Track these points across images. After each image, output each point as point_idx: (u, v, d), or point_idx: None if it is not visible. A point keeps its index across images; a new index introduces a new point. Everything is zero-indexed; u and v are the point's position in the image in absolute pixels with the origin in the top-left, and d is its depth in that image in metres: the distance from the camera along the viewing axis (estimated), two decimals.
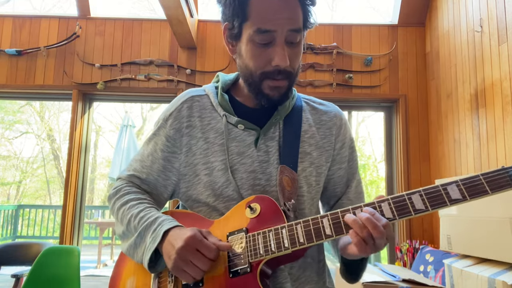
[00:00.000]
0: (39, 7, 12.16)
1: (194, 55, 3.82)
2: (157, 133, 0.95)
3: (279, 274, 0.84)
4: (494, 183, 0.68)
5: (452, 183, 0.71)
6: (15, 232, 8.32)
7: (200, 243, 0.75)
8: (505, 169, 0.68)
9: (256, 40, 0.83)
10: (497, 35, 2.73)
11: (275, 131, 0.91)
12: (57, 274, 2.37)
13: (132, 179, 0.95)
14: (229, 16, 0.86)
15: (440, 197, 0.71)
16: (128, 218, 0.87)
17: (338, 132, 0.97)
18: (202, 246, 0.75)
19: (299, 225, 0.77)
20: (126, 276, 0.91)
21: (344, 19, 12.13)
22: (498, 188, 0.68)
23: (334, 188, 0.97)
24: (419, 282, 2.03)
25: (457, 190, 0.70)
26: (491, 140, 2.76)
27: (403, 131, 3.67)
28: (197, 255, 0.75)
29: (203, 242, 0.75)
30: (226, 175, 0.87)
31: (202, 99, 0.95)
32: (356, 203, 0.95)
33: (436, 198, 0.71)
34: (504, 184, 0.68)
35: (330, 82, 3.71)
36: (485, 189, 0.69)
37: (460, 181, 0.71)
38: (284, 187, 0.86)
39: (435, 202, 0.71)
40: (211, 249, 0.76)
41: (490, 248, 1.85)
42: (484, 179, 0.69)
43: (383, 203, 0.74)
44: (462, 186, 0.70)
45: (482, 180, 0.69)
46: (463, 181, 0.71)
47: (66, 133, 11.94)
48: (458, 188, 0.70)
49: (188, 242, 0.74)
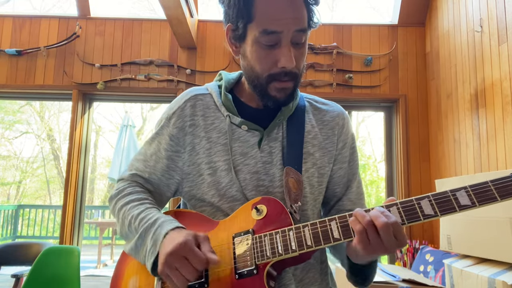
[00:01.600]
0: (39, 7, 12.16)
1: (194, 55, 3.82)
2: (160, 132, 0.94)
3: (283, 276, 0.83)
4: (503, 190, 0.68)
5: (461, 189, 0.70)
6: (15, 232, 8.32)
7: (189, 252, 0.72)
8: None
9: (262, 41, 0.82)
10: (497, 35, 2.73)
11: (279, 132, 0.91)
12: (57, 274, 2.37)
13: (135, 178, 0.94)
14: (232, 17, 0.85)
15: (449, 203, 0.70)
16: (129, 219, 0.86)
17: (340, 132, 0.96)
18: (192, 255, 0.72)
19: (306, 227, 0.76)
20: (128, 276, 0.90)
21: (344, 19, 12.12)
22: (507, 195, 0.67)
23: (334, 188, 0.96)
24: (419, 282, 2.03)
25: (466, 196, 0.70)
26: (491, 140, 2.76)
27: (403, 131, 3.67)
28: (183, 263, 0.72)
29: (193, 252, 0.72)
30: (229, 175, 0.87)
31: (205, 98, 0.94)
32: (357, 204, 0.95)
33: (445, 203, 0.71)
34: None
35: (330, 82, 3.71)
36: (494, 196, 0.68)
37: (469, 187, 0.70)
38: (290, 189, 0.85)
39: (444, 208, 0.70)
40: (200, 260, 0.72)
41: (490, 248, 1.85)
42: (493, 185, 0.69)
43: (391, 208, 0.73)
44: (471, 192, 0.70)
45: (491, 187, 0.69)
46: (472, 187, 0.70)
47: (66, 133, 11.94)
48: (467, 194, 0.70)
49: (177, 248, 0.72)
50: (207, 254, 0.73)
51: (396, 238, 0.69)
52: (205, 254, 0.73)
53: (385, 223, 0.68)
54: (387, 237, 0.69)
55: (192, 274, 0.72)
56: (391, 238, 0.69)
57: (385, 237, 0.69)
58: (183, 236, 0.74)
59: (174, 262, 0.72)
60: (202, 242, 0.75)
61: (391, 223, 0.69)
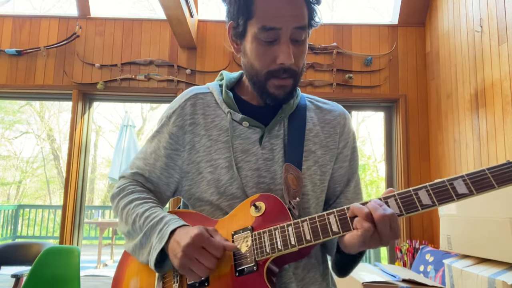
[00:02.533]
0: (39, 7, 12.16)
1: (194, 55, 3.82)
2: (160, 130, 0.94)
3: (284, 274, 0.84)
4: (501, 177, 0.68)
5: (458, 178, 0.71)
6: (15, 232, 8.32)
7: (206, 241, 0.75)
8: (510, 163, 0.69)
9: (261, 38, 0.83)
10: (497, 35, 2.73)
11: (280, 129, 0.91)
12: (57, 274, 2.37)
13: (136, 177, 0.94)
14: (233, 14, 0.86)
15: (447, 192, 0.71)
16: (133, 217, 0.86)
17: (342, 131, 0.97)
18: (208, 244, 0.75)
19: (305, 222, 0.77)
20: (129, 277, 0.90)
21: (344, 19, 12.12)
22: (504, 182, 0.68)
23: (335, 187, 0.97)
24: (419, 282, 2.03)
25: (463, 184, 0.70)
26: (491, 140, 2.76)
27: (403, 131, 3.67)
28: (203, 253, 0.74)
29: (210, 240, 0.75)
30: (230, 172, 0.87)
31: (206, 97, 0.95)
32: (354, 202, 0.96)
33: (443, 193, 0.71)
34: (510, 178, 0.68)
35: (330, 82, 3.71)
36: (491, 183, 0.68)
37: (466, 176, 0.70)
38: (289, 185, 0.85)
39: (442, 197, 0.71)
40: (218, 247, 0.75)
41: (490, 248, 1.85)
42: (490, 173, 0.69)
43: (389, 199, 0.73)
44: (468, 181, 0.70)
45: (488, 175, 0.69)
46: (469, 175, 0.70)
47: (66, 133, 11.94)
48: (464, 183, 0.70)
49: (194, 239, 0.74)
50: (223, 242, 0.76)
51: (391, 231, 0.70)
52: (220, 242, 0.76)
53: (383, 215, 0.69)
54: (384, 229, 0.70)
55: (212, 262, 0.75)
56: (387, 230, 0.70)
57: (381, 229, 0.70)
58: (196, 228, 0.76)
59: (193, 253, 0.74)
60: (213, 233, 0.78)
61: (388, 216, 0.69)
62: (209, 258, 0.74)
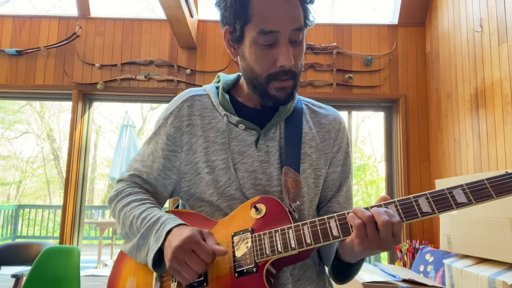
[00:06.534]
0: (39, 7, 12.17)
1: (194, 55, 3.82)
2: (157, 132, 0.95)
3: (281, 275, 0.84)
4: (499, 188, 0.69)
5: (458, 187, 0.72)
6: (15, 232, 8.32)
7: (196, 245, 0.74)
8: (509, 174, 0.70)
9: (260, 41, 0.83)
10: (497, 35, 2.73)
11: (276, 132, 0.91)
12: (57, 274, 2.37)
13: (134, 179, 0.95)
14: (230, 19, 0.86)
15: (447, 201, 0.72)
16: (130, 219, 0.86)
17: (337, 136, 0.97)
18: (198, 248, 0.74)
19: (305, 226, 0.77)
20: (126, 276, 0.90)
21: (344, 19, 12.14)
22: (503, 193, 0.69)
23: (327, 191, 0.97)
24: (419, 282, 2.03)
25: (462, 194, 0.71)
26: (491, 140, 2.76)
27: (403, 131, 3.67)
28: (192, 257, 0.74)
29: (200, 244, 0.74)
30: (228, 173, 0.87)
31: (202, 99, 0.95)
32: (345, 207, 0.96)
33: (443, 201, 0.72)
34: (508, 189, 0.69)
35: (330, 82, 3.71)
36: (490, 193, 0.70)
37: (465, 185, 0.71)
38: (289, 188, 0.86)
39: (442, 205, 0.72)
40: (207, 252, 0.74)
41: (490, 248, 1.85)
42: (489, 183, 0.70)
43: (389, 206, 0.74)
44: (467, 190, 0.71)
45: (487, 185, 0.70)
46: (468, 185, 0.71)
47: (66, 133, 11.94)
48: (463, 192, 0.71)
49: (184, 242, 0.74)
50: (213, 246, 0.75)
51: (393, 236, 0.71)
52: (211, 247, 0.75)
53: (387, 220, 0.69)
54: (386, 235, 0.70)
55: (200, 266, 0.74)
56: (389, 236, 0.70)
57: (384, 234, 0.70)
58: (188, 230, 0.76)
59: (182, 256, 0.74)
60: (206, 236, 0.77)
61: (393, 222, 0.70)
62: (198, 262, 0.74)
